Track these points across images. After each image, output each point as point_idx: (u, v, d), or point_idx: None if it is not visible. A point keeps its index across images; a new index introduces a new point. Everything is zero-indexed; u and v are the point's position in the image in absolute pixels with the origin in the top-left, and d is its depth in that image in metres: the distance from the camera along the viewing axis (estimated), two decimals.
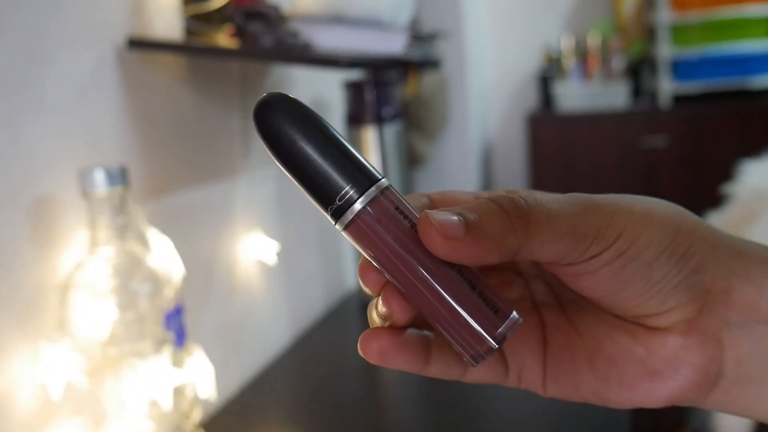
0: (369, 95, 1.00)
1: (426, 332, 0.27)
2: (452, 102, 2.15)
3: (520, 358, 0.29)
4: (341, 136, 0.25)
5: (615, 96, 2.24)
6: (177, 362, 0.60)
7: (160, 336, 0.58)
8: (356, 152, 0.25)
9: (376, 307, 0.26)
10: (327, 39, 0.89)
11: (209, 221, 0.81)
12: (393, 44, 0.94)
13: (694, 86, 2.20)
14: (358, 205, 0.24)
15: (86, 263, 0.56)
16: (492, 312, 0.25)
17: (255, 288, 0.90)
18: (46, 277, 0.56)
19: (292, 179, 0.25)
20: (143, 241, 0.60)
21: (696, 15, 2.14)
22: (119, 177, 0.55)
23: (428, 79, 1.88)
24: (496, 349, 0.25)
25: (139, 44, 0.66)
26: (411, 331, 0.27)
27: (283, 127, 0.24)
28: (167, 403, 0.56)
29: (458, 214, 0.24)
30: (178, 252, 0.64)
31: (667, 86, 2.18)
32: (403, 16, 1.01)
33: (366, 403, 0.81)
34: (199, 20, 0.74)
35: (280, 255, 0.93)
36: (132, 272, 0.57)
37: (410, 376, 0.89)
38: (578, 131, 2.26)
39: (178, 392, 0.59)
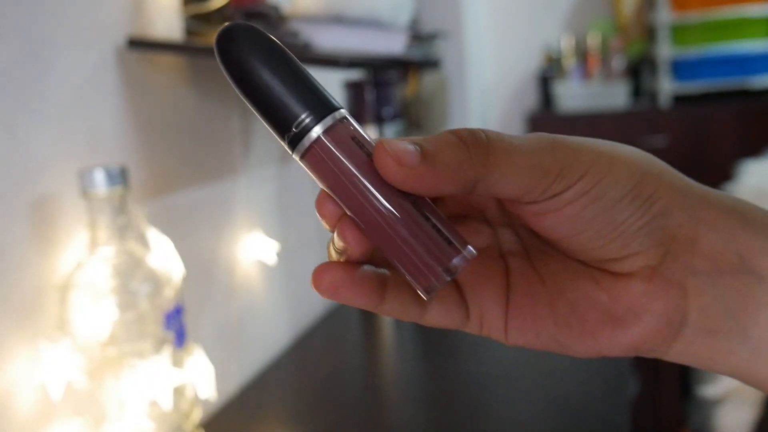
0: (369, 95, 1.00)
1: (383, 270, 0.27)
2: (452, 102, 2.15)
3: (481, 302, 0.29)
4: (302, 65, 0.25)
5: (615, 96, 2.24)
6: (177, 362, 0.60)
7: (160, 336, 0.58)
8: (316, 82, 0.25)
9: (333, 242, 0.26)
10: (327, 39, 0.89)
11: (209, 221, 0.81)
12: (393, 44, 0.94)
13: (694, 86, 2.19)
14: (314, 134, 0.24)
15: (86, 263, 0.56)
16: (446, 243, 0.24)
17: (255, 288, 0.90)
18: (46, 277, 0.56)
19: (252, 108, 0.25)
20: (143, 241, 0.60)
21: (696, 15, 2.14)
22: (119, 177, 0.55)
23: (428, 79, 1.88)
24: (449, 280, 0.25)
25: (139, 44, 0.66)
26: (367, 267, 0.26)
27: (243, 54, 0.24)
28: (167, 403, 0.56)
29: (415, 143, 0.24)
30: (178, 252, 0.64)
31: (667, 86, 2.18)
32: (403, 16, 1.01)
33: (366, 403, 0.82)
34: (199, 20, 0.74)
35: (280, 255, 0.93)
36: (132, 272, 0.57)
37: (410, 376, 0.89)
38: (578, 131, 2.24)
39: (178, 392, 0.59)
